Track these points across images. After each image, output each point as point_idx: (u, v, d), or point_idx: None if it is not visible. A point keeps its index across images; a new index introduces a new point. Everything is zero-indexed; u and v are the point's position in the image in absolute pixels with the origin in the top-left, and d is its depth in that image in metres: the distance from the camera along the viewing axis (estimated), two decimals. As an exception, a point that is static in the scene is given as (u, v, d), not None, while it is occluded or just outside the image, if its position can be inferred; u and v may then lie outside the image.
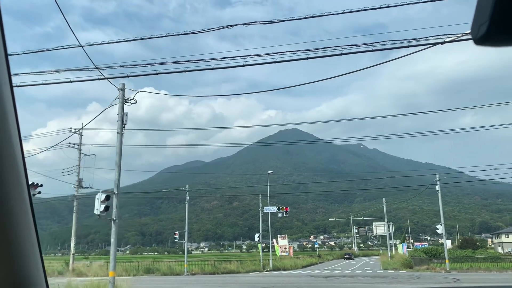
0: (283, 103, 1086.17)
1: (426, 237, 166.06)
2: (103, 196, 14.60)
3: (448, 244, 58.43)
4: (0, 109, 1.02)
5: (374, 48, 9.33)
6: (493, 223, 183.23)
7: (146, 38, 10.10)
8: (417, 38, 8.79)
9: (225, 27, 9.50)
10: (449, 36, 8.66)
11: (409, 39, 9.01)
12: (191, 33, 9.57)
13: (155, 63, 10.43)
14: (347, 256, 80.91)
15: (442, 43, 8.67)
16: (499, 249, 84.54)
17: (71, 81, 11.08)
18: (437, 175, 39.11)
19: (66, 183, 39.28)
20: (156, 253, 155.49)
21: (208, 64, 10.18)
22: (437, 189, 38.59)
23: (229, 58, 9.82)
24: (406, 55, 9.51)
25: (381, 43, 9.40)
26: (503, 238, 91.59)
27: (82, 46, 9.61)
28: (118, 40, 10.12)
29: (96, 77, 11.11)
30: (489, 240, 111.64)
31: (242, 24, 9.20)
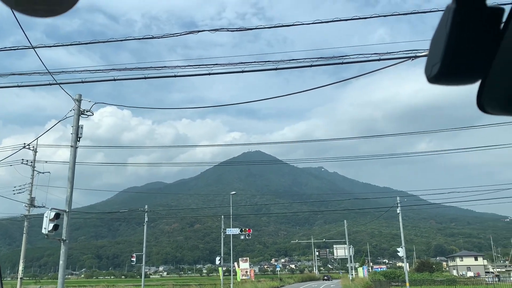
0: (247, 126, 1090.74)
1: (384, 260, 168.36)
2: (52, 214, 13.49)
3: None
4: None
5: (345, 61, 9.15)
6: (447, 247, 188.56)
7: (103, 42, 9.46)
8: (387, 53, 8.70)
9: (191, 32, 9.00)
10: (419, 51, 8.63)
11: (379, 53, 8.90)
12: (153, 37, 9.02)
13: (113, 69, 9.74)
14: (326, 278, 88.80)
15: (414, 57, 8.60)
16: (454, 272, 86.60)
17: (18, 86, 10.17)
18: (398, 198, 39.68)
19: (18, 201, 37.00)
20: (112, 277, 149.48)
21: (171, 72, 9.63)
22: (398, 211, 39.07)
23: (194, 67, 9.32)
24: (377, 70, 9.38)
25: (351, 56, 9.24)
26: (458, 261, 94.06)
27: (33, 48, 8.80)
28: (73, 43, 9.44)
29: (48, 82, 10.25)
30: (444, 263, 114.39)
31: (209, 30, 8.77)
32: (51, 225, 13.44)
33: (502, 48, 0.79)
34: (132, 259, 42.24)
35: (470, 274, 78.75)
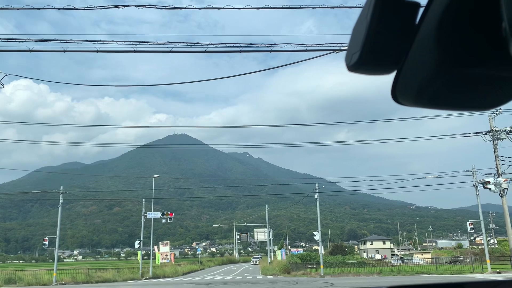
0: (174, 108, 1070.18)
1: (301, 244, 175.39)
2: (-47, 193, 12.29)
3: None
4: None
5: (273, 49, 9.29)
6: (359, 231, 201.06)
7: (18, 9, 8.54)
8: (314, 44, 8.97)
9: (116, 6, 8.53)
10: (344, 45, 9.01)
11: (306, 44, 9.15)
12: (75, 8, 8.40)
13: (28, 39, 8.95)
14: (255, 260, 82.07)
15: (338, 50, 8.97)
16: (364, 255, 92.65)
17: None
18: (317, 185, 41.46)
19: None
20: (21, 261, 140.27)
21: (93, 46, 9.06)
22: (316, 197, 40.84)
23: (119, 43, 8.87)
24: (304, 60, 9.64)
25: (279, 45, 9.41)
26: (368, 244, 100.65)
27: None
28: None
29: (-50, 48, 9.16)
30: (356, 246, 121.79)
31: (136, 6, 8.37)
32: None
33: (416, 41, 0.82)
34: (44, 242, 39.90)
35: (378, 256, 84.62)
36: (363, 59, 0.82)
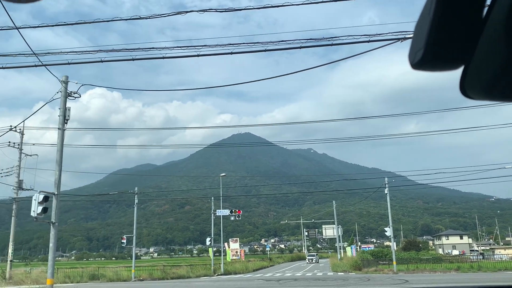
0: (238, 108, 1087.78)
1: (372, 240, 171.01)
2: (41, 196, 13.42)
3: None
4: None
5: (334, 42, 9.09)
6: (433, 226, 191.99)
7: (89, 22, 9.25)
8: (377, 34, 8.65)
9: (178, 13, 8.84)
10: (408, 33, 8.60)
11: (369, 35, 8.86)
12: (140, 18, 8.83)
13: (100, 50, 9.57)
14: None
15: (403, 39, 8.58)
16: (440, 251, 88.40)
17: (2, 67, 9.95)
18: (386, 179, 40.15)
19: (6, 184, 36.73)
20: (103, 258, 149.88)
21: (159, 53, 9.48)
22: (386, 192, 39.56)
23: (183, 48, 9.19)
24: (366, 51, 9.37)
25: (341, 38, 9.19)
26: (444, 240, 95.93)
27: (17, 28, 8.58)
28: (58, 24, 9.17)
29: (33, 64, 10.04)
30: (431, 242, 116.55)
31: (197, 11, 8.63)
32: (40, 208, 13.38)
33: (484, 34, 0.80)
34: (122, 240, 42.35)
35: (455, 252, 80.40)
36: (428, 56, 0.80)
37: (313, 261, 70.00)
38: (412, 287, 21.73)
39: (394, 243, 43.25)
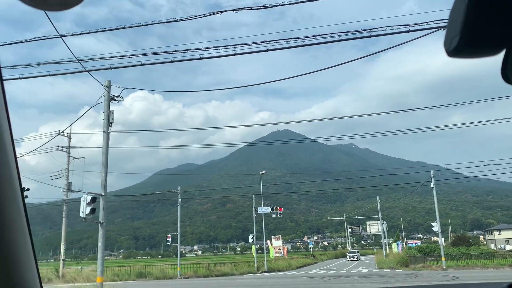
0: (275, 106, 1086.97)
1: (419, 235, 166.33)
2: (89, 198, 13.92)
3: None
4: None
5: (372, 34, 8.85)
6: (484, 220, 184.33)
7: (129, 27, 9.50)
8: (417, 23, 8.33)
9: (214, 13, 8.92)
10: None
11: (409, 25, 8.55)
12: (177, 20, 8.99)
13: (140, 54, 9.83)
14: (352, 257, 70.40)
15: (445, 27, 8.18)
16: (492, 246, 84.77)
17: (49, 75, 10.46)
18: (432, 173, 38.86)
19: (55, 187, 38.45)
20: (149, 257, 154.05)
21: (196, 54, 9.62)
22: (431, 186, 38.30)
23: (219, 48, 9.26)
24: (407, 42, 9.04)
25: (379, 29, 8.93)
26: (496, 234, 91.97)
27: (61, 36, 8.99)
28: (99, 30, 9.54)
29: (77, 70, 10.48)
30: (481, 237, 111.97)
31: (232, 10, 8.65)
32: (88, 209, 13.88)
33: None
34: (167, 239, 43.35)
35: (509, 247, 76.88)
36: (464, 42, 0.76)
37: (354, 259, 68.27)
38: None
39: (442, 238, 41.82)
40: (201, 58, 9.52)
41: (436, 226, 38.24)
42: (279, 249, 69.57)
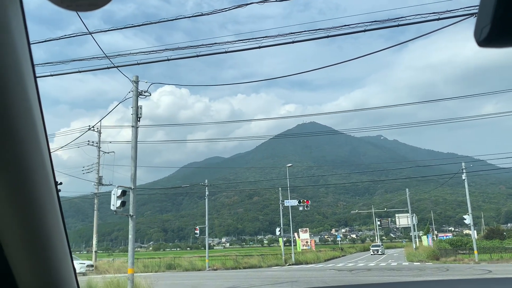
0: (301, 98, 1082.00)
1: (450, 228, 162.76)
2: (119, 191, 14.25)
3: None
4: (28, 111, 1.05)
5: (400, 23, 8.65)
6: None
7: (155, 23, 9.64)
8: (447, 11, 8.06)
9: (239, 6, 8.92)
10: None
11: (438, 12, 8.30)
12: (202, 14, 9.05)
13: (166, 49, 9.95)
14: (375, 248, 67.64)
15: (476, 14, 7.90)
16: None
17: (79, 71, 10.74)
18: (463, 164, 37.86)
19: (87, 181, 39.52)
20: (178, 249, 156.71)
21: (221, 48, 9.66)
22: (463, 177, 37.35)
23: (244, 41, 9.27)
24: (436, 30, 8.77)
25: (407, 18, 8.72)
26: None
27: (91, 33, 9.20)
28: (127, 26, 9.69)
29: (106, 66, 10.71)
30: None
31: (257, 2, 8.61)
32: (119, 202, 14.22)
33: None
34: (195, 231, 43.91)
35: (545, 241, 74.22)
36: (495, 32, 0.73)
37: (379, 253, 64.73)
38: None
39: (475, 231, 40.79)
40: (226, 52, 9.55)
41: (468, 219, 37.33)
42: (307, 242, 69.49)
